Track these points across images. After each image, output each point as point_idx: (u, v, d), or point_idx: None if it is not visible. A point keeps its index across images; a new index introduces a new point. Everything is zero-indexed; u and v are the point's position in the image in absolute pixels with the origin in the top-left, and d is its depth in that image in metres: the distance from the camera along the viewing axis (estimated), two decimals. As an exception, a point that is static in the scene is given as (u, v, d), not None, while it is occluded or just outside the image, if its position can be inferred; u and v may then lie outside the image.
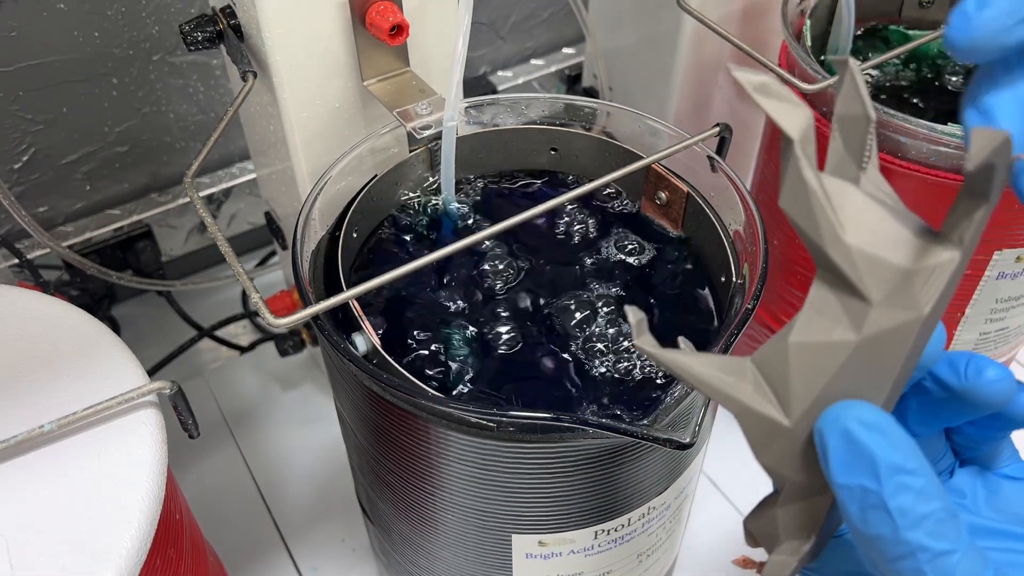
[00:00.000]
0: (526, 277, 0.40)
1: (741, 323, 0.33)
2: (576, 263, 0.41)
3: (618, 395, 0.36)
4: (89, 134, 0.62)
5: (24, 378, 0.33)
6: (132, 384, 0.32)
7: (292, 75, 0.41)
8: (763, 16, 0.58)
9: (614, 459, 0.33)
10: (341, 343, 0.32)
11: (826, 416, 0.24)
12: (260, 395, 0.65)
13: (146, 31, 0.60)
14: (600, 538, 0.37)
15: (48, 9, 0.56)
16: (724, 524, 0.57)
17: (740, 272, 0.38)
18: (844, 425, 0.23)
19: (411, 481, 0.37)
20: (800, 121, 0.21)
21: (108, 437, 0.31)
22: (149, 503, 0.30)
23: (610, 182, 0.36)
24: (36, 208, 0.63)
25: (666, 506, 0.39)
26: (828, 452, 0.24)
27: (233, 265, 0.32)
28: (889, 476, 0.23)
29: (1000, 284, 0.46)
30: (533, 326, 0.38)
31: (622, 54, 0.64)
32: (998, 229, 0.44)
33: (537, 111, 0.45)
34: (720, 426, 0.46)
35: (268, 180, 0.54)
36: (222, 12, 0.42)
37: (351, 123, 0.45)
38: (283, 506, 0.58)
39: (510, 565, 0.38)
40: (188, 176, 0.36)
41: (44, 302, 0.36)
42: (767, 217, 0.37)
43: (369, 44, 0.42)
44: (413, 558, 0.42)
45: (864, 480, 0.23)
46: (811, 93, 0.44)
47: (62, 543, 0.28)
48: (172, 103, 0.64)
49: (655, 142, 0.42)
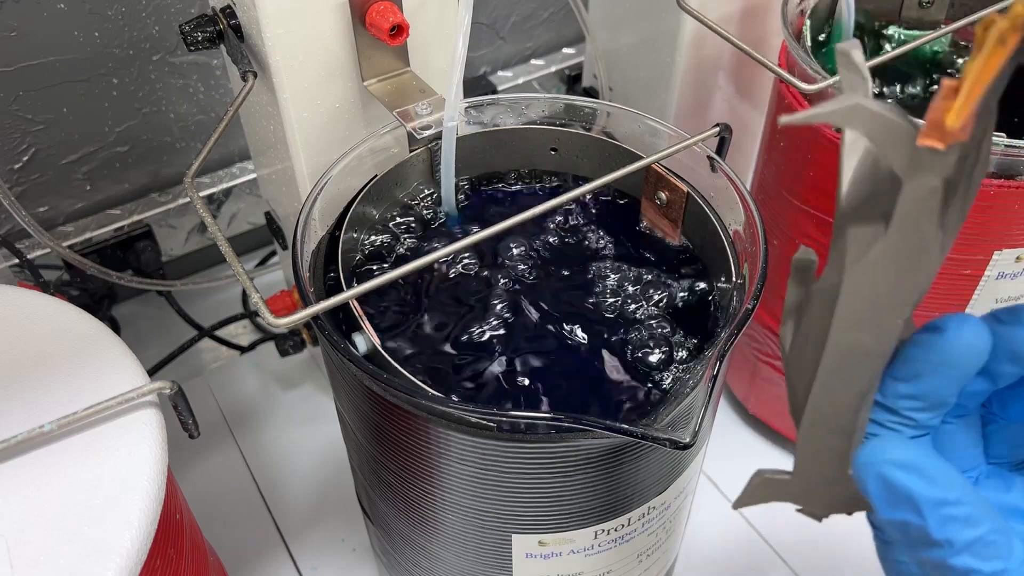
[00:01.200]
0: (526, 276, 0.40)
1: (741, 323, 0.33)
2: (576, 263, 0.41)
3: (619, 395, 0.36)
4: (89, 134, 0.62)
5: (24, 378, 0.33)
6: (132, 384, 0.32)
7: (292, 75, 0.41)
8: (763, 16, 0.58)
9: (614, 459, 0.33)
10: (341, 343, 0.32)
11: (859, 460, 0.24)
12: (260, 395, 0.65)
13: (146, 31, 0.60)
14: (600, 538, 0.37)
15: (48, 9, 0.56)
16: (724, 524, 0.57)
17: (740, 272, 0.38)
18: (879, 471, 0.24)
19: (411, 481, 0.37)
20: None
21: (108, 437, 0.31)
22: (149, 503, 0.30)
23: (610, 182, 0.36)
24: (36, 208, 0.63)
25: (666, 506, 0.39)
26: (871, 496, 0.24)
27: (233, 265, 0.32)
28: (932, 511, 0.23)
29: (1000, 284, 0.46)
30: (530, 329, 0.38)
31: (622, 54, 0.64)
32: (997, 230, 0.44)
33: (537, 111, 0.45)
34: (720, 426, 0.46)
35: (268, 180, 0.54)
36: (222, 12, 0.42)
37: (351, 123, 0.45)
38: (283, 506, 0.58)
39: (510, 565, 0.38)
40: (188, 176, 0.36)
41: (44, 302, 0.36)
42: (767, 217, 0.37)
43: (369, 44, 0.42)
44: (413, 558, 0.42)
45: (909, 516, 0.24)
46: (811, 93, 0.44)
47: (62, 543, 0.28)
48: (172, 103, 0.64)
49: (655, 142, 0.42)
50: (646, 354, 0.37)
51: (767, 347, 0.57)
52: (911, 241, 0.23)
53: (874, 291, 0.24)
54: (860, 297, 0.24)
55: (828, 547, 0.56)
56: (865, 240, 0.24)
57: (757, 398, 0.61)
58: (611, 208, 0.44)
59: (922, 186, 0.22)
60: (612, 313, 0.39)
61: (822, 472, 0.28)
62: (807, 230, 0.49)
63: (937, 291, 0.47)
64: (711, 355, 0.32)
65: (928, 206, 0.23)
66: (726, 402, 0.64)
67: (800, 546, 0.56)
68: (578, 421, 0.30)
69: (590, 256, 0.42)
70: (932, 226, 0.23)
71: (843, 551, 0.56)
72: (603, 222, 0.43)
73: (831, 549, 0.56)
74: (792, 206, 0.50)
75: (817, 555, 0.56)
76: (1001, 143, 0.41)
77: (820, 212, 0.48)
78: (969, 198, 0.25)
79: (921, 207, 0.23)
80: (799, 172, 0.49)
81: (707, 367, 0.31)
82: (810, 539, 0.57)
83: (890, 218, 0.23)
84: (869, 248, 0.24)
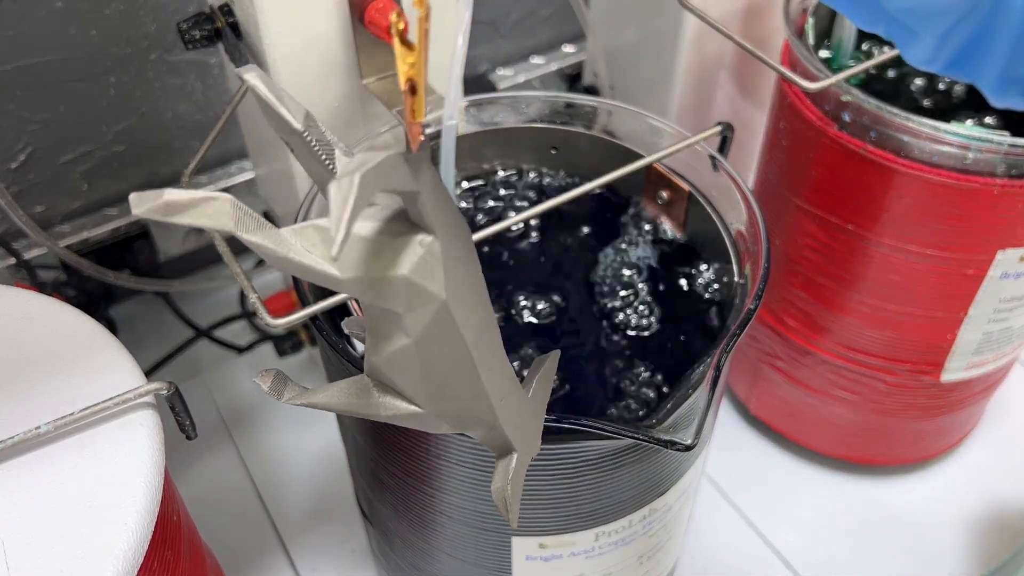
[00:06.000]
0: (525, 276, 0.40)
1: (743, 323, 0.32)
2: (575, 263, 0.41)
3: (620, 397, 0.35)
4: (87, 133, 0.62)
5: (20, 378, 0.33)
6: (129, 385, 0.32)
7: (290, 73, 0.41)
8: (765, 14, 0.58)
9: (615, 461, 0.33)
10: (340, 344, 0.32)
11: None
12: (258, 396, 0.65)
13: (144, 29, 0.59)
14: (601, 540, 0.37)
15: (45, 8, 0.55)
16: (725, 526, 0.57)
17: (742, 272, 0.38)
18: None
19: (410, 483, 0.37)
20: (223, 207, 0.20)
21: (105, 438, 0.31)
22: (146, 505, 0.30)
23: (611, 181, 0.36)
24: (33, 208, 0.63)
25: (668, 508, 0.38)
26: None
27: (231, 265, 0.32)
28: None
29: (1003, 284, 0.46)
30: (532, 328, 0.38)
31: (623, 52, 0.64)
32: (1001, 229, 0.44)
33: (537, 110, 0.44)
34: (721, 428, 0.46)
35: (266, 179, 0.54)
36: (220, 10, 0.42)
37: (350, 122, 0.45)
38: (281, 508, 0.58)
39: (510, 567, 0.38)
40: (186, 175, 0.36)
41: (41, 302, 0.36)
42: (769, 217, 0.37)
43: (368, 42, 0.42)
44: (413, 560, 0.42)
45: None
46: (814, 92, 0.44)
47: (59, 545, 0.28)
48: (170, 102, 0.64)
49: (656, 141, 0.42)
50: (647, 355, 0.37)
51: (769, 348, 0.57)
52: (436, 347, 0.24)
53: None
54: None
55: (830, 550, 0.56)
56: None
57: (759, 399, 0.60)
58: (611, 207, 0.44)
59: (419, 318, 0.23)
60: (612, 313, 0.39)
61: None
62: (809, 229, 0.49)
63: (940, 291, 0.47)
64: (713, 356, 0.32)
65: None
66: (728, 403, 0.64)
67: (802, 549, 0.56)
68: (579, 423, 0.29)
69: (590, 256, 0.41)
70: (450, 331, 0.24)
71: (844, 552, 0.56)
72: (603, 222, 0.43)
73: (832, 551, 0.56)
74: (794, 205, 0.50)
75: (818, 557, 0.56)
76: (1005, 142, 0.40)
77: (822, 212, 0.48)
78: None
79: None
80: (801, 171, 0.48)
81: (709, 368, 0.31)
82: (812, 541, 0.57)
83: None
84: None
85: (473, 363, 0.25)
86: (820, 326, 0.52)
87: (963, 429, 0.60)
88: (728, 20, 0.56)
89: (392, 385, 0.25)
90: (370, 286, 0.22)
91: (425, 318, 0.23)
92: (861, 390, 0.54)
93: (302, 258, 0.20)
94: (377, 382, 0.26)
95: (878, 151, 0.43)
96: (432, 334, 0.23)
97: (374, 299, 0.22)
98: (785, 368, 0.56)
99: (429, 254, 0.22)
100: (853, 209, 0.46)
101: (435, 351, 0.24)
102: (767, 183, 0.53)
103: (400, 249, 0.22)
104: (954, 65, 0.25)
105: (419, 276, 0.22)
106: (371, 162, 0.19)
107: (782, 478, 0.60)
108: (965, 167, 0.42)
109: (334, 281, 0.21)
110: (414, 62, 0.19)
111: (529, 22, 0.78)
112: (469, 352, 0.24)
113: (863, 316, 0.50)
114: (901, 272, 0.47)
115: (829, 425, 0.57)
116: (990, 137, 0.40)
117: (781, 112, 0.50)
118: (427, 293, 0.23)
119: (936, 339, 0.49)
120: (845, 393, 0.54)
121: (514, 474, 0.28)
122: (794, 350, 0.55)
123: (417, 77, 0.20)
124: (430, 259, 0.22)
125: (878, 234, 0.46)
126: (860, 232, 0.47)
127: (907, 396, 0.53)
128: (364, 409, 0.26)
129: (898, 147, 0.43)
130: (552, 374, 0.31)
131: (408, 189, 0.21)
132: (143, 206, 0.19)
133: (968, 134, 0.41)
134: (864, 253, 0.47)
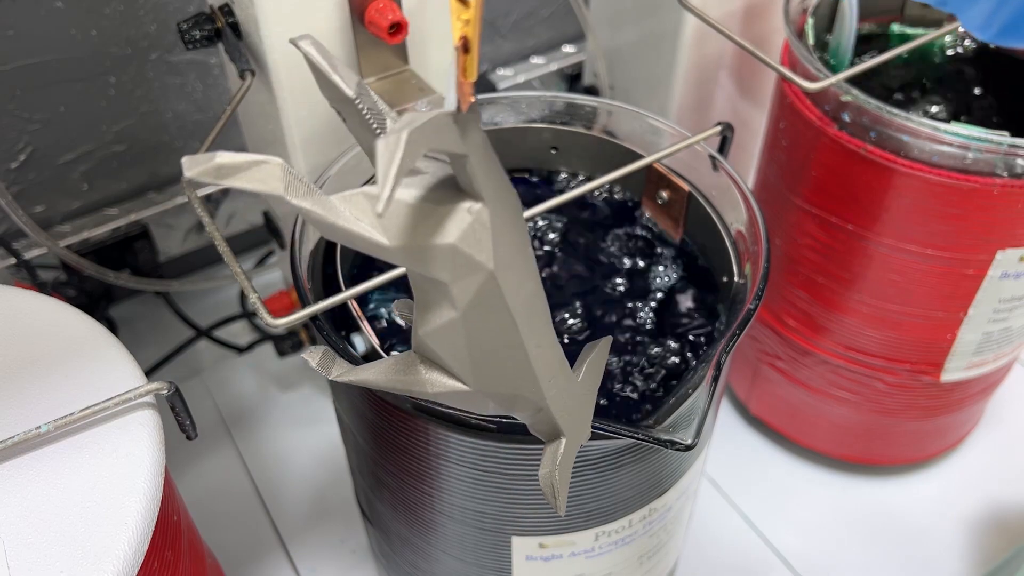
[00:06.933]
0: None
1: (743, 323, 0.32)
2: (575, 264, 0.41)
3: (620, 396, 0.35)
4: (87, 133, 0.62)
5: (20, 378, 0.33)
6: (129, 385, 0.32)
7: (290, 73, 0.41)
8: (765, 14, 0.58)
9: (616, 460, 0.33)
10: (340, 343, 0.32)
11: None
12: (258, 396, 0.65)
13: (144, 29, 0.59)
14: (601, 540, 0.37)
15: (45, 8, 0.55)
16: (725, 526, 0.57)
17: (742, 272, 0.38)
18: None
19: (410, 483, 0.37)
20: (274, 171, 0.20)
21: (105, 438, 0.31)
22: (146, 505, 0.30)
23: (611, 181, 0.36)
24: (33, 208, 0.63)
25: (668, 507, 0.38)
26: None
27: (231, 265, 0.32)
28: None
29: (1003, 284, 0.46)
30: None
31: (623, 52, 0.64)
32: (1001, 229, 0.44)
33: (537, 110, 0.44)
34: (721, 427, 0.46)
35: (267, 179, 0.53)
36: (220, 10, 0.42)
37: (350, 122, 0.45)
38: (281, 508, 0.58)
39: (510, 567, 0.38)
40: (186, 175, 0.36)
41: (41, 302, 0.36)
42: (769, 216, 0.37)
43: (368, 42, 0.42)
44: (413, 560, 0.42)
45: None
46: (814, 92, 0.44)
47: (59, 545, 0.28)
48: (170, 102, 0.64)
49: (656, 141, 0.42)
50: (647, 355, 0.37)
51: (769, 348, 0.57)
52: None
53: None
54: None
55: (829, 550, 0.56)
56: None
57: (759, 399, 0.60)
58: (611, 207, 0.44)
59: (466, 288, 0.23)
60: (612, 313, 0.39)
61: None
62: (809, 229, 0.49)
63: (940, 291, 0.47)
64: (713, 356, 0.32)
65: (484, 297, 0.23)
66: (728, 403, 0.64)
67: (802, 549, 0.56)
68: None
69: (590, 256, 0.41)
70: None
71: (844, 552, 0.56)
72: (603, 221, 0.43)
73: (832, 551, 0.56)
74: (794, 205, 0.50)
75: (818, 557, 0.56)
76: (1005, 142, 0.40)
77: (822, 212, 0.48)
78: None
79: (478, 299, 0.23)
80: (801, 171, 0.48)
81: (709, 368, 0.31)
82: (812, 541, 0.57)
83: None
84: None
85: (520, 338, 0.24)
86: (820, 326, 0.52)
87: (963, 429, 0.60)
88: (728, 20, 0.56)
89: (438, 361, 0.25)
90: (417, 255, 0.21)
91: (472, 289, 0.23)
92: (861, 390, 0.54)
93: (350, 225, 0.20)
94: (424, 358, 0.25)
95: (878, 151, 0.43)
96: (479, 306, 0.23)
97: (421, 268, 0.22)
98: (785, 368, 0.56)
99: (478, 222, 0.22)
100: (853, 209, 0.46)
101: (482, 324, 0.23)
102: (767, 183, 0.53)
103: (448, 216, 0.22)
104: (1006, 32, 0.25)
105: (467, 245, 0.22)
106: (419, 120, 0.18)
107: (782, 478, 0.60)
108: (965, 167, 0.42)
109: (382, 249, 0.21)
110: (469, 19, 0.19)
111: (529, 22, 0.77)
112: (516, 326, 0.24)
113: (863, 316, 0.50)
114: (901, 272, 0.47)
115: (829, 425, 0.57)
116: (990, 137, 0.40)
117: (781, 112, 0.50)
118: (474, 263, 0.22)
119: (936, 339, 0.49)
120: (845, 393, 0.54)
121: (562, 460, 0.27)
122: (794, 350, 0.55)
123: (471, 35, 0.19)
124: (478, 227, 0.22)
125: (878, 234, 0.46)
126: (860, 232, 0.47)
127: (907, 396, 0.53)
128: (411, 386, 0.25)
129: (898, 147, 0.43)
130: (604, 360, 0.30)
131: (457, 151, 0.20)
132: (195, 168, 0.18)
133: (968, 134, 0.41)
134: (864, 253, 0.47)
